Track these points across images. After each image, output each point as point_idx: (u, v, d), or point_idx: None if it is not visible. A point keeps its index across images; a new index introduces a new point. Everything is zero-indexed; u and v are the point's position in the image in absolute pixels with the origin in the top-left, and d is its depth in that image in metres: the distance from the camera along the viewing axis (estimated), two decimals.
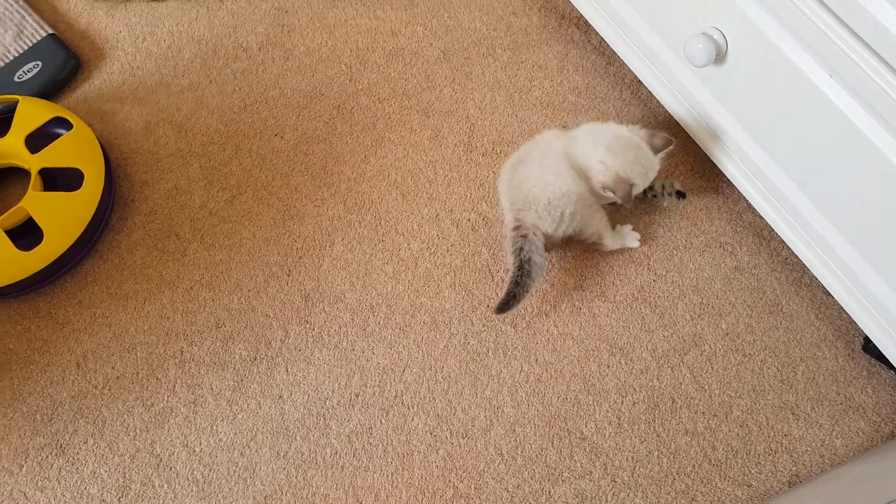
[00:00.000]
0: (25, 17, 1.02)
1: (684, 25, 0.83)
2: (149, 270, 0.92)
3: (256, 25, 1.07)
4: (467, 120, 1.01)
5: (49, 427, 0.85)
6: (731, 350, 0.89)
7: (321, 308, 0.90)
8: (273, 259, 0.93)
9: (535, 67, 1.04)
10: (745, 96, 0.81)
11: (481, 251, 0.93)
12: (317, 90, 1.03)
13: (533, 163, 0.86)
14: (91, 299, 0.90)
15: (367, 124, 1.01)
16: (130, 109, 1.01)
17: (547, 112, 1.01)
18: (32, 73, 0.99)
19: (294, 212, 0.95)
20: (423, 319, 0.90)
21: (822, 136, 0.74)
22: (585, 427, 0.85)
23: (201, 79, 1.03)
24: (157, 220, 0.95)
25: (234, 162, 0.98)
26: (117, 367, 0.87)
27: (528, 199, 0.84)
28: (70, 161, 0.91)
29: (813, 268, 0.86)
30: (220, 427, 0.85)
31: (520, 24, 1.08)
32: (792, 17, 0.69)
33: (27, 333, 0.89)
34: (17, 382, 0.87)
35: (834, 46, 0.66)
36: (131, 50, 1.05)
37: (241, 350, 0.88)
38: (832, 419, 0.85)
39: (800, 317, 0.90)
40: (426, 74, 1.04)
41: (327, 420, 0.85)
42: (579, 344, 0.89)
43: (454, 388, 0.87)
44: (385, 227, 0.95)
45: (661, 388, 0.87)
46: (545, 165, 0.85)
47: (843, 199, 0.76)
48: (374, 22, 1.08)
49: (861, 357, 0.88)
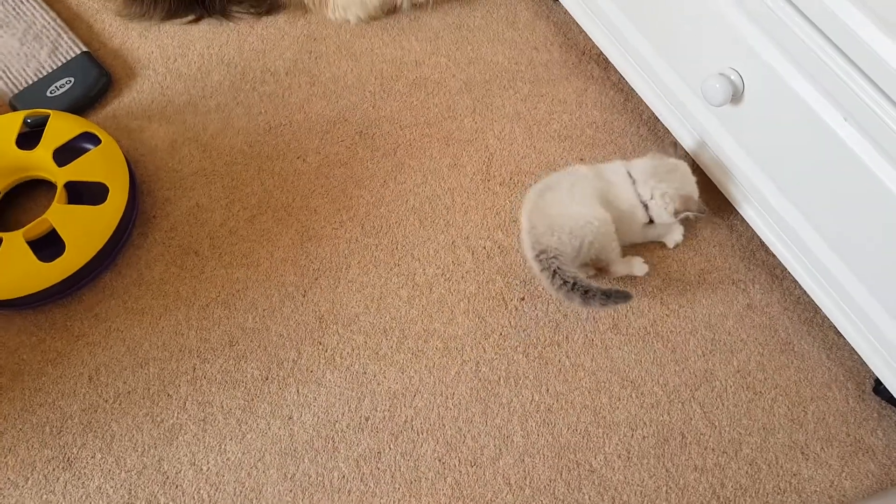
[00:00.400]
0: (61, 34, 1.04)
1: (702, 66, 0.84)
2: (166, 286, 0.92)
3: (285, 51, 1.08)
4: (486, 150, 1.02)
5: (57, 440, 0.84)
6: (742, 387, 0.88)
7: (335, 330, 0.90)
8: (289, 279, 0.93)
9: (554, 101, 1.06)
10: (760, 136, 0.81)
11: (496, 279, 0.93)
12: (340, 115, 1.04)
13: (562, 190, 0.87)
14: (107, 313, 0.90)
15: (388, 150, 1.02)
16: (158, 127, 1.02)
17: (565, 145, 1.02)
18: (64, 88, 1.01)
19: (312, 233, 0.96)
20: (435, 345, 0.89)
21: (837, 178, 0.74)
22: (595, 459, 0.83)
23: (228, 100, 1.04)
24: (178, 236, 0.95)
25: (256, 182, 0.99)
26: (129, 382, 0.87)
27: (552, 226, 0.84)
28: (96, 175, 0.92)
29: (825, 308, 0.86)
30: (229, 446, 0.83)
31: (541, 58, 1.09)
32: (807, 60, 0.70)
33: (42, 345, 0.88)
34: (29, 394, 0.86)
35: (849, 91, 0.67)
36: (162, 70, 1.06)
37: (253, 369, 0.88)
38: (842, 460, 0.84)
39: (811, 356, 0.90)
40: (448, 104, 1.05)
41: (336, 443, 0.84)
42: (591, 375, 0.88)
43: (464, 415, 0.86)
44: (401, 251, 0.95)
45: (671, 422, 0.86)
46: (574, 195, 0.86)
47: (857, 240, 0.76)
48: (399, 52, 1.09)
49: (871, 399, 0.87)
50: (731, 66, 0.80)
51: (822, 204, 0.78)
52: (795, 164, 0.78)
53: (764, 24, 0.73)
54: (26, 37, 1.04)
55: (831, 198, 0.76)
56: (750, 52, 0.76)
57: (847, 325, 0.84)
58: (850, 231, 0.76)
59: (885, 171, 0.68)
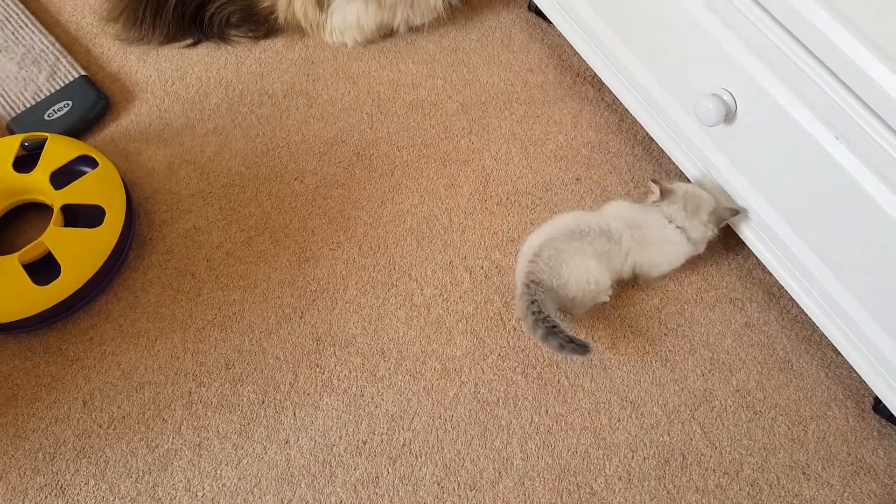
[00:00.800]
0: (60, 58, 1.03)
1: (695, 86, 0.84)
2: (162, 309, 0.90)
3: (283, 74, 1.08)
4: (483, 170, 1.01)
5: (50, 466, 0.81)
6: (742, 407, 0.86)
7: (332, 352, 0.88)
8: (286, 301, 0.91)
9: (549, 122, 1.05)
10: (754, 155, 0.81)
11: (494, 299, 0.92)
12: (338, 137, 1.03)
13: (586, 243, 0.84)
14: (102, 336, 0.88)
15: (386, 171, 1.01)
16: (155, 150, 1.01)
17: (560, 165, 1.01)
18: (62, 111, 1.00)
19: (310, 254, 0.94)
20: (433, 366, 0.88)
21: (829, 196, 0.73)
22: (595, 482, 0.82)
23: (226, 123, 1.04)
24: (174, 259, 0.93)
25: (253, 204, 0.98)
26: (124, 407, 0.85)
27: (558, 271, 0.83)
28: (92, 198, 0.91)
29: (822, 326, 0.85)
30: (224, 471, 0.81)
31: (536, 80, 1.09)
32: (798, 80, 0.70)
33: (36, 369, 0.87)
34: (22, 419, 0.84)
35: (839, 109, 0.67)
36: (160, 93, 1.05)
37: (249, 392, 0.86)
38: (843, 480, 0.82)
39: (810, 375, 0.88)
40: (444, 125, 1.05)
41: (333, 467, 0.82)
42: (590, 396, 0.86)
43: (463, 437, 0.84)
44: (399, 272, 0.94)
45: (671, 443, 0.84)
46: (595, 251, 0.84)
47: (852, 258, 0.75)
48: (396, 74, 1.09)
49: (871, 417, 0.86)
50: (723, 87, 0.79)
51: (816, 222, 0.77)
52: (789, 183, 0.78)
53: (754, 44, 0.73)
54: (25, 61, 1.04)
55: (825, 216, 0.76)
56: (741, 72, 0.76)
57: (845, 343, 0.83)
58: (844, 249, 0.75)
59: (877, 189, 0.68)
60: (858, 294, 0.77)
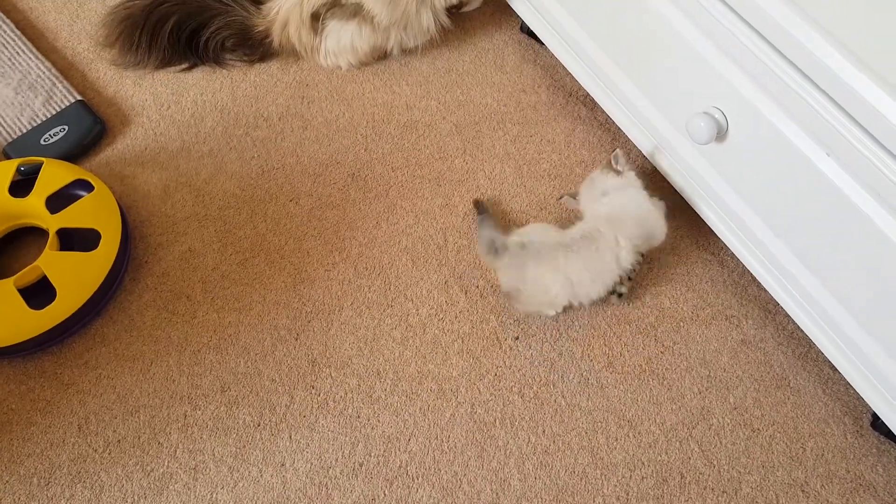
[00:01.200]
0: (56, 83, 1.04)
1: (687, 105, 0.84)
2: (157, 332, 0.89)
3: (277, 97, 1.08)
4: (477, 189, 1.01)
5: (45, 492, 0.80)
6: (740, 424, 0.85)
7: (328, 373, 0.88)
8: (282, 322, 0.91)
9: (543, 141, 1.06)
10: (746, 172, 0.81)
11: (489, 318, 0.91)
12: (333, 158, 1.03)
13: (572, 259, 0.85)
14: (97, 360, 0.88)
15: (380, 192, 1.01)
16: (151, 174, 1.01)
17: (554, 183, 1.01)
18: (58, 136, 1.00)
19: (305, 276, 0.94)
20: (429, 387, 0.87)
21: (822, 212, 0.73)
22: (593, 502, 0.80)
23: (222, 146, 1.04)
24: (170, 281, 0.93)
25: (248, 226, 0.97)
26: (119, 431, 0.84)
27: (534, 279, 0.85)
28: (88, 222, 0.91)
29: (819, 343, 0.84)
30: (220, 495, 0.80)
31: (529, 100, 1.09)
32: (789, 98, 0.70)
33: (31, 394, 0.86)
34: (17, 444, 0.83)
35: (830, 126, 0.67)
36: (156, 117, 1.05)
37: (245, 415, 0.85)
38: (843, 497, 0.81)
39: (807, 392, 0.88)
40: (438, 146, 1.05)
41: (329, 490, 0.81)
42: (587, 415, 0.86)
43: (460, 458, 0.83)
44: (394, 292, 0.93)
45: (669, 462, 0.83)
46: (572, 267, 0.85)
47: (846, 274, 0.75)
48: (390, 96, 1.09)
49: (870, 434, 0.85)
50: (714, 105, 0.80)
51: (809, 239, 0.77)
52: (781, 200, 0.78)
53: (744, 63, 0.73)
54: (21, 86, 1.04)
55: (818, 232, 0.75)
56: (732, 90, 0.76)
57: (842, 360, 0.82)
58: (838, 265, 0.75)
59: (869, 205, 0.67)
60: (854, 311, 0.77)
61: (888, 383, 0.77)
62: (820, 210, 0.73)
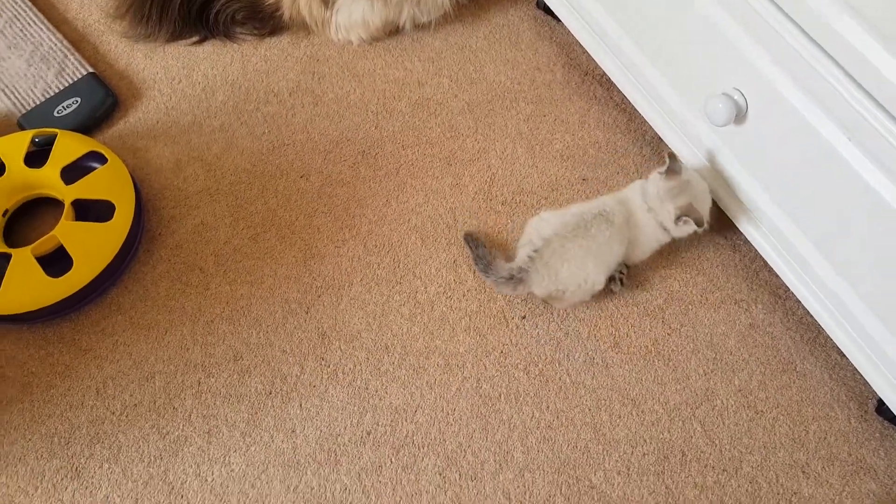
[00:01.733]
0: (68, 55, 1.24)
1: (706, 85, 0.97)
2: (171, 302, 1.09)
3: (288, 72, 1.28)
4: (488, 169, 1.20)
5: (66, 450, 1.00)
6: (743, 406, 1.03)
7: (337, 346, 1.07)
8: (293, 296, 1.10)
9: (556, 121, 1.24)
10: (764, 156, 0.94)
11: (497, 298, 1.10)
12: (343, 136, 1.22)
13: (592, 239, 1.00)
14: (114, 328, 1.07)
15: (391, 170, 1.20)
16: (163, 147, 1.21)
17: (567, 164, 1.20)
18: (71, 108, 1.20)
19: (315, 251, 1.13)
20: (436, 362, 1.06)
21: (840, 197, 0.85)
22: (594, 476, 0.99)
23: (232, 121, 1.23)
24: (183, 253, 1.13)
25: (259, 201, 1.17)
26: (135, 395, 1.03)
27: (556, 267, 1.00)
28: (102, 193, 1.10)
29: (828, 328, 0.99)
30: (233, 458, 1.00)
31: (543, 79, 1.28)
32: (811, 79, 0.81)
33: (50, 358, 1.06)
34: (38, 405, 1.03)
35: (852, 110, 0.77)
36: (167, 91, 1.25)
37: (256, 383, 1.04)
38: (843, 479, 0.99)
39: (813, 376, 1.05)
40: (450, 124, 1.24)
41: (338, 456, 1.00)
42: (591, 393, 1.04)
43: (465, 430, 1.01)
44: (403, 269, 1.12)
45: (671, 440, 1.01)
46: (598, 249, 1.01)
47: (861, 260, 0.88)
48: (402, 73, 1.28)
49: (874, 419, 1.02)
50: (734, 86, 0.93)
51: (825, 224, 0.91)
52: (799, 184, 0.91)
53: (767, 43, 0.84)
54: (34, 58, 1.24)
55: (834, 217, 0.88)
56: (753, 71, 0.88)
57: (850, 345, 0.97)
58: (853, 251, 0.88)
59: (889, 190, 0.79)
60: (866, 297, 0.91)
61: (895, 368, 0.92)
62: (837, 195, 0.86)
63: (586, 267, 1.00)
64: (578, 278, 1.01)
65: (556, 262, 1.00)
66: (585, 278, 1.01)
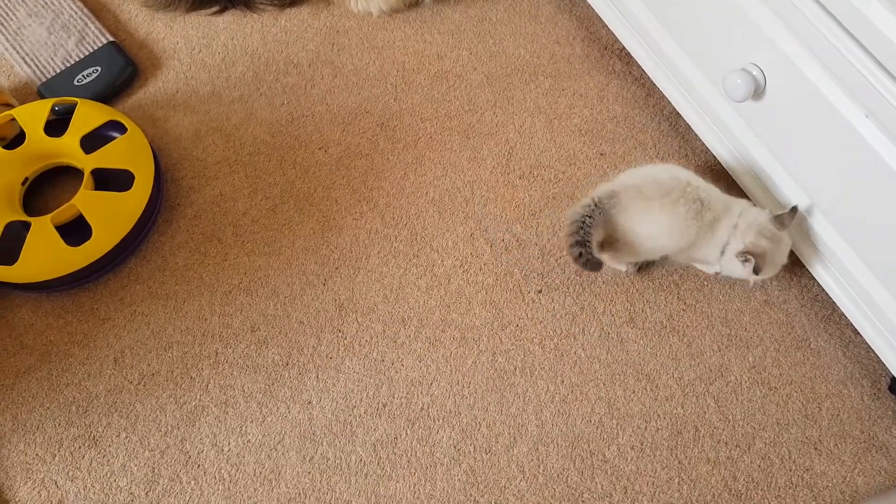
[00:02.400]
0: (88, 24, 1.20)
1: (724, 61, 0.95)
2: (189, 272, 1.06)
3: (308, 43, 1.23)
4: (506, 143, 1.16)
5: (83, 419, 0.98)
6: (757, 382, 1.00)
7: (354, 318, 1.04)
8: (310, 268, 1.07)
9: (575, 95, 1.20)
10: (782, 132, 0.92)
11: (513, 272, 1.07)
12: (362, 107, 1.18)
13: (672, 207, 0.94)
14: (132, 297, 1.05)
15: (409, 143, 1.16)
16: (182, 117, 1.17)
17: (585, 139, 1.16)
18: (91, 77, 1.16)
19: (333, 223, 1.10)
20: (452, 335, 1.03)
21: (856, 174, 0.83)
22: (608, 450, 0.97)
23: (252, 91, 1.19)
24: (201, 224, 1.09)
25: (278, 172, 1.13)
26: (153, 365, 1.01)
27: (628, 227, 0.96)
28: (122, 163, 1.07)
29: (843, 306, 0.97)
30: (250, 428, 0.98)
31: (563, 53, 1.23)
32: (829, 55, 0.79)
33: (69, 327, 1.03)
34: (56, 374, 1.01)
35: (871, 87, 0.75)
36: (187, 60, 1.21)
37: (273, 354, 1.02)
38: (855, 457, 0.96)
39: (827, 354, 1.02)
40: (469, 97, 1.20)
41: (354, 428, 0.98)
42: (606, 368, 1.01)
43: (480, 403, 0.99)
44: (420, 243, 1.09)
45: (685, 415, 0.98)
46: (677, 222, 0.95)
47: (875, 236, 0.86)
48: (422, 45, 1.24)
49: (887, 397, 0.99)
50: (752, 62, 0.90)
51: (841, 200, 0.88)
52: (815, 160, 0.89)
53: (786, 18, 0.82)
54: (54, 26, 1.20)
55: (850, 194, 0.86)
56: (773, 47, 0.85)
57: (864, 323, 0.95)
58: (868, 227, 0.86)
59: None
60: (880, 274, 0.88)
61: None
62: (854, 172, 0.83)
63: (654, 229, 0.96)
64: (641, 234, 0.96)
65: (634, 210, 0.95)
66: (647, 238, 0.96)
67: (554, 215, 1.10)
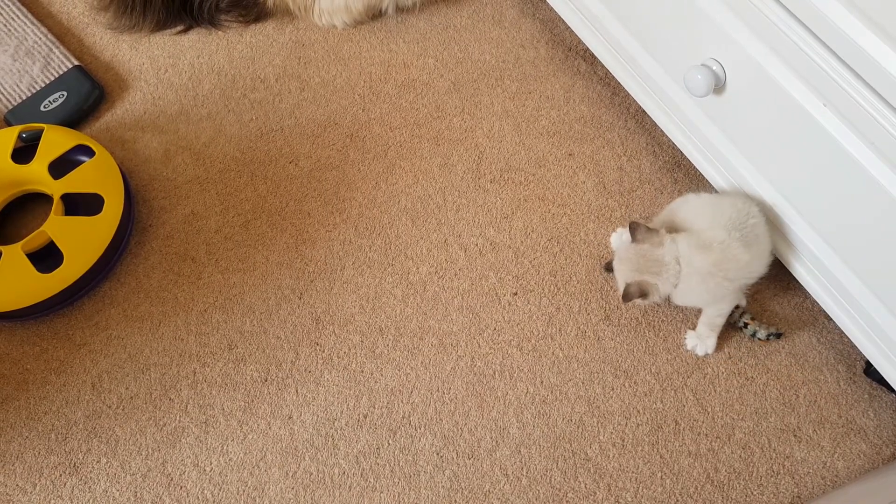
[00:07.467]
0: (53, 49, 1.10)
1: (684, 57, 0.89)
2: (164, 293, 0.97)
3: (274, 58, 1.14)
4: (476, 148, 1.08)
5: (63, 446, 0.89)
6: (734, 373, 0.93)
7: (331, 330, 0.95)
8: (285, 282, 0.98)
9: (542, 98, 1.11)
10: (744, 124, 0.87)
11: (488, 275, 0.98)
12: (331, 119, 1.10)
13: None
14: (108, 321, 0.96)
15: (379, 152, 1.07)
16: (151, 137, 1.08)
17: (553, 140, 1.07)
18: (58, 102, 1.07)
19: (306, 237, 1.01)
20: (430, 342, 0.95)
21: (817, 162, 0.79)
22: (590, 448, 0.89)
23: (220, 108, 1.10)
24: (174, 244, 1.01)
25: (249, 188, 1.04)
26: (131, 388, 0.92)
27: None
28: (91, 187, 0.98)
29: (814, 293, 0.91)
30: (231, 447, 0.89)
31: (528, 56, 1.15)
32: (786, 48, 0.75)
33: (45, 354, 0.94)
34: (34, 402, 0.92)
35: (826, 76, 0.72)
36: (153, 81, 1.12)
37: (252, 371, 0.93)
38: (834, 442, 0.89)
39: (802, 341, 0.95)
40: (436, 104, 1.11)
41: (336, 440, 0.89)
42: (584, 366, 0.93)
43: (461, 409, 0.91)
44: (395, 251, 1.00)
45: (664, 410, 0.91)
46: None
47: (842, 224, 0.81)
48: (387, 54, 1.15)
49: (862, 381, 0.92)
50: (712, 57, 0.85)
51: (805, 189, 0.83)
52: (778, 151, 0.84)
53: (742, 13, 0.78)
54: (18, 53, 1.11)
55: (814, 182, 0.81)
56: (730, 42, 0.81)
57: (836, 309, 0.89)
58: (833, 215, 0.81)
59: (865, 156, 0.73)
60: (849, 260, 0.83)
61: (881, 331, 0.83)
62: (816, 161, 0.79)
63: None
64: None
65: None
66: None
67: (526, 217, 1.02)
